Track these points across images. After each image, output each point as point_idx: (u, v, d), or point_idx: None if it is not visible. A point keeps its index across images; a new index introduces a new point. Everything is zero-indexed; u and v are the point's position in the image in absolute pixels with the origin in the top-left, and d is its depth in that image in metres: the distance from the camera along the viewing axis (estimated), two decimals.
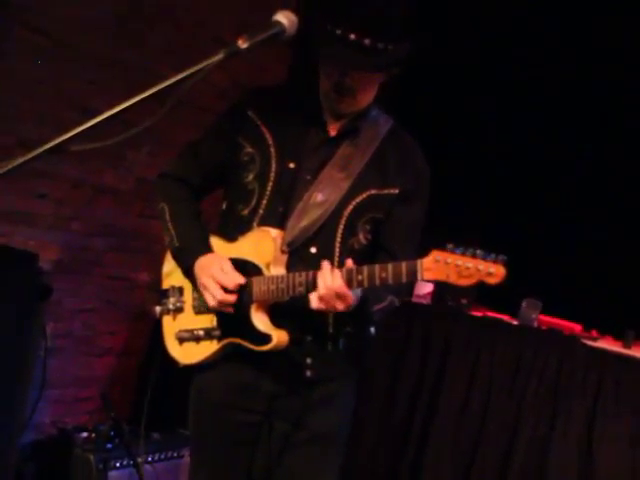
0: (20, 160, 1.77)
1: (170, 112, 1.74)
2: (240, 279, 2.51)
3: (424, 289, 4.87)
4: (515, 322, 4.64)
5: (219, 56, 1.92)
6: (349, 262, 2.36)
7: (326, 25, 2.45)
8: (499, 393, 4.39)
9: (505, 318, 4.74)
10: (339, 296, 2.33)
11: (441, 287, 4.78)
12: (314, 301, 2.37)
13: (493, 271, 2.12)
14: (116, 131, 1.80)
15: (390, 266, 2.27)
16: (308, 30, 2.37)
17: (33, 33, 3.81)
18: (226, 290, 2.51)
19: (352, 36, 2.41)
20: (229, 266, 2.53)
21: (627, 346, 4.35)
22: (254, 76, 4.84)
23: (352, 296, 2.36)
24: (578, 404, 4.16)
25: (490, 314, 4.80)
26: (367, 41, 2.41)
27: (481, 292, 4.47)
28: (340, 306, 2.36)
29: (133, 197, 4.54)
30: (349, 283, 2.32)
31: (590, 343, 4.38)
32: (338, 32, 2.42)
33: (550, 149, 5.16)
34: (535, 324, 4.58)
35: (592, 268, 4.89)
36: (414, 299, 4.89)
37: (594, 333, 4.61)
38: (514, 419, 4.29)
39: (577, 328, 4.63)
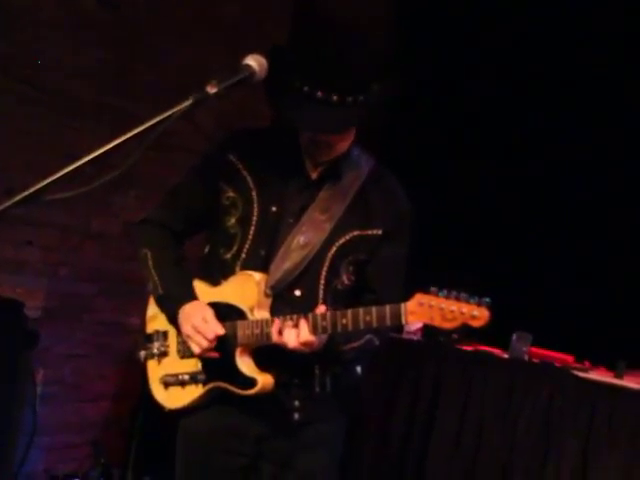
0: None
1: (158, 156, 1.74)
2: (220, 330, 2.49)
3: (414, 325, 4.85)
4: (506, 355, 4.64)
5: (188, 102, 1.91)
6: (321, 307, 2.38)
7: (293, 82, 2.40)
8: (491, 428, 4.36)
9: (496, 352, 4.73)
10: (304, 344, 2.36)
11: None
12: (274, 335, 2.39)
13: (477, 314, 2.12)
14: (103, 176, 1.81)
15: (374, 309, 2.28)
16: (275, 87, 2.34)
17: (17, 82, 3.84)
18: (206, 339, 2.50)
19: (319, 94, 2.36)
20: (211, 315, 2.52)
21: (619, 376, 4.33)
22: (241, 118, 4.86)
23: (314, 340, 2.37)
24: (571, 436, 4.14)
25: (481, 348, 4.79)
26: (335, 97, 2.37)
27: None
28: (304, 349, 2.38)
29: (121, 241, 4.54)
30: (315, 329, 2.34)
31: (582, 374, 4.37)
32: (305, 89, 2.38)
33: (534, 183, 5.21)
34: (526, 357, 4.57)
35: (583, 299, 4.90)
36: (405, 335, 4.89)
37: (586, 364, 4.60)
38: (507, 454, 4.26)
39: (569, 359, 4.62)
